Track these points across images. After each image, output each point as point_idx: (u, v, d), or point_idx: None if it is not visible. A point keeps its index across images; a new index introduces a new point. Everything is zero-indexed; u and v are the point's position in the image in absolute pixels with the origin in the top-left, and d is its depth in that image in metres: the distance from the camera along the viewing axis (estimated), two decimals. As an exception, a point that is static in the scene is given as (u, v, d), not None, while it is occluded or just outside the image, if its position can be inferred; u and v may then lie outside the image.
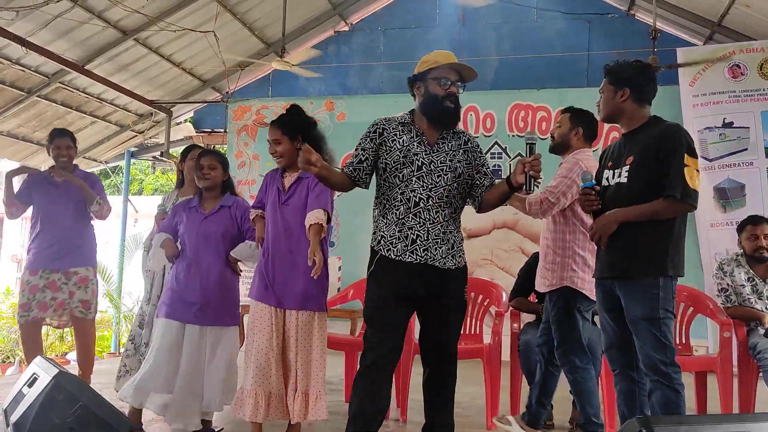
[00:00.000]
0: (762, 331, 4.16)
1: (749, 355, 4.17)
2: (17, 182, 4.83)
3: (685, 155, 2.92)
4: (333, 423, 3.78)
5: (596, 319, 3.80)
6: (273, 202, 3.48)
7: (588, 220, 3.47)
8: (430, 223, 2.97)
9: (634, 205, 2.96)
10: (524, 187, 2.89)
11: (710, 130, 7.04)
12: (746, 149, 6.91)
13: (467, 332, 4.54)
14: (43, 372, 2.84)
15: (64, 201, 4.67)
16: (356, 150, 3.07)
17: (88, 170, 9.82)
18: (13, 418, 2.75)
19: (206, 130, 9.98)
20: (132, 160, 10.32)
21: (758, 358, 4.08)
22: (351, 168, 3.04)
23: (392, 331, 2.96)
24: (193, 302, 3.66)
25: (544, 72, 8.22)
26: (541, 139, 3.35)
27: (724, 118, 7.02)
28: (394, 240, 2.97)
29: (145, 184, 18.32)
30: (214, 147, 9.63)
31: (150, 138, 10.22)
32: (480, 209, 3.14)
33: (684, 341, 4.48)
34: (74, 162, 4.84)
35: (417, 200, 2.97)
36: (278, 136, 3.47)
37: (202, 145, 7.67)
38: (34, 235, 4.71)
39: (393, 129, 3.05)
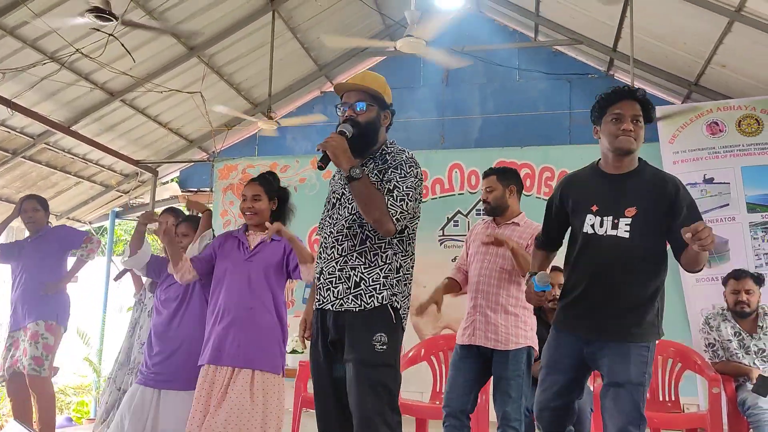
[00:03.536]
0: (750, 386, 4.13)
1: (739, 411, 4.12)
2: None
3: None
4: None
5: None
6: (235, 258, 3.44)
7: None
8: (324, 262, 2.68)
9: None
10: None
11: (692, 186, 7.09)
12: (728, 204, 6.96)
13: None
14: (16, 437, 2.76)
15: (26, 262, 4.71)
16: None
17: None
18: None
19: (192, 189, 9.96)
20: (117, 221, 10.26)
21: (748, 414, 4.04)
22: None
23: (323, 395, 2.70)
24: (146, 364, 3.66)
25: (527, 130, 8.31)
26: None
27: (705, 174, 7.08)
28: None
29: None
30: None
31: (135, 198, 10.19)
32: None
33: (673, 398, 4.42)
34: (48, 223, 4.90)
35: (322, 240, 2.74)
36: (260, 192, 3.51)
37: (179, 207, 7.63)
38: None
39: (336, 174, 2.87)
